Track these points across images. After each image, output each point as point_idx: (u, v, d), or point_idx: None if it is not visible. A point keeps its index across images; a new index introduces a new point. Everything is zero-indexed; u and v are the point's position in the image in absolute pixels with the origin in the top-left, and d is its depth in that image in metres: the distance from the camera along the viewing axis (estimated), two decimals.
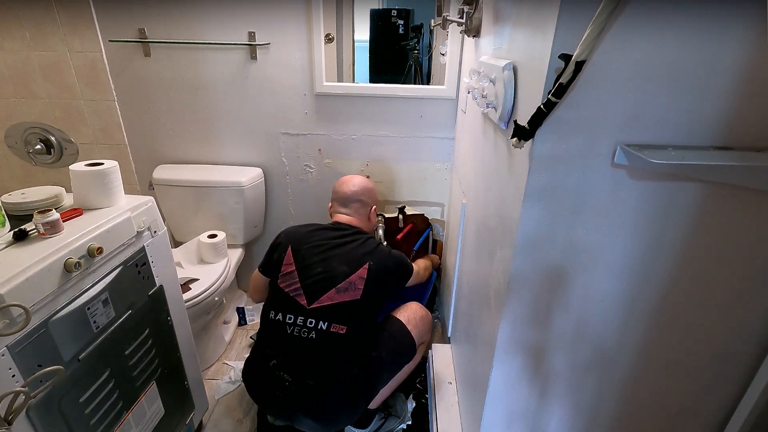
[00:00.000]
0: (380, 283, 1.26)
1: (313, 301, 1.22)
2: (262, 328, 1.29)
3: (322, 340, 1.19)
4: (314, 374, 1.18)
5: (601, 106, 0.58)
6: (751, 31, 0.53)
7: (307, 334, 1.20)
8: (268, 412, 1.31)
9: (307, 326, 1.21)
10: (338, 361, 1.19)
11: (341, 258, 1.27)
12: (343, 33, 1.89)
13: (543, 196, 0.65)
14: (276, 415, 1.27)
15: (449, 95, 1.64)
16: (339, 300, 1.21)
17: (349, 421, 1.28)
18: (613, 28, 0.53)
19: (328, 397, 1.17)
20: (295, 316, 1.22)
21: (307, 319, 1.21)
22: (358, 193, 1.47)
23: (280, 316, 1.24)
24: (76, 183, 0.96)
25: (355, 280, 1.23)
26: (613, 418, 0.84)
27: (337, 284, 1.22)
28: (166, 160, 1.83)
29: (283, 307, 1.24)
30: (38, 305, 0.75)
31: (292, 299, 1.24)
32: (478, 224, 1.08)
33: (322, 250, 1.29)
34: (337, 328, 1.19)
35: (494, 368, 0.83)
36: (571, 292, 0.72)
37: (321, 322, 1.20)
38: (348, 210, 1.46)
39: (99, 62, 1.63)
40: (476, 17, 1.12)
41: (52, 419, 0.79)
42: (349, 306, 1.21)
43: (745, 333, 0.70)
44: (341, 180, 1.52)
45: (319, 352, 1.19)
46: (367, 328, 1.26)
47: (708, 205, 0.62)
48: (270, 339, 1.25)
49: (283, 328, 1.22)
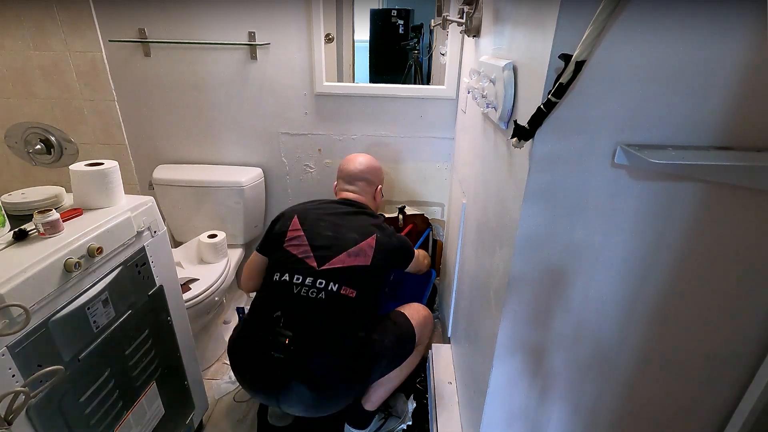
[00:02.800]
0: (386, 257, 1.24)
1: (324, 263, 1.18)
2: (263, 292, 1.22)
3: (332, 302, 1.14)
4: (318, 336, 1.11)
5: (601, 106, 0.58)
6: (751, 31, 0.53)
7: (315, 294, 1.14)
8: (254, 384, 1.15)
9: (316, 287, 1.15)
10: (345, 325, 1.14)
11: (350, 227, 1.25)
12: (343, 33, 1.89)
13: (543, 196, 0.65)
14: (265, 387, 1.12)
15: (449, 95, 1.64)
16: (350, 264, 1.18)
17: (342, 401, 1.18)
18: (613, 28, 0.53)
19: (326, 362, 1.10)
20: (303, 277, 1.16)
21: (317, 279, 1.15)
22: (364, 171, 1.46)
23: (287, 276, 1.17)
24: (76, 183, 0.96)
25: (365, 247, 1.21)
26: (613, 418, 0.84)
27: (348, 249, 1.20)
28: (166, 160, 1.83)
29: (290, 268, 1.18)
30: (38, 305, 0.75)
31: (301, 260, 1.19)
32: (478, 224, 1.08)
33: (331, 219, 1.27)
34: (347, 291, 1.15)
35: (494, 368, 0.82)
36: (571, 292, 0.72)
37: (331, 284, 1.15)
38: (354, 188, 1.45)
39: (99, 62, 1.63)
40: (476, 17, 1.12)
41: (52, 419, 0.79)
42: (360, 270, 1.18)
43: (745, 333, 0.70)
44: (347, 158, 1.51)
45: (327, 312, 1.13)
46: (374, 298, 1.22)
47: (708, 205, 0.62)
48: (273, 298, 1.17)
49: (289, 288, 1.15)
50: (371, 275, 1.20)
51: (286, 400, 1.11)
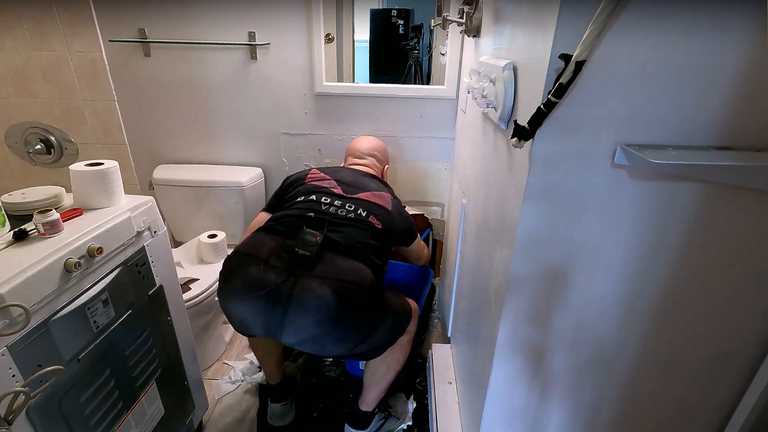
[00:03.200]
0: (399, 218, 1.25)
1: (352, 194, 1.17)
2: (284, 210, 1.15)
3: (360, 224, 1.10)
4: (346, 243, 1.04)
5: (601, 106, 0.58)
6: (751, 31, 0.53)
7: (345, 213, 1.11)
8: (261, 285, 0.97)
9: (346, 208, 1.12)
10: (371, 247, 1.08)
11: (368, 181, 1.28)
12: (343, 33, 1.89)
13: (543, 196, 0.65)
14: (276, 291, 0.96)
15: (449, 95, 1.64)
16: (376, 201, 1.19)
17: (356, 331, 1.03)
18: (613, 28, 0.53)
19: (353, 269, 1.00)
20: (332, 199, 1.13)
21: (346, 203, 1.13)
22: (374, 148, 1.49)
23: (314, 197, 1.13)
24: (76, 183, 0.96)
25: (384, 196, 1.24)
26: (613, 418, 0.84)
27: (372, 191, 1.22)
28: (166, 160, 1.83)
29: (318, 192, 1.15)
30: (38, 305, 0.75)
31: (327, 188, 1.17)
32: (478, 224, 1.08)
33: (349, 172, 1.30)
34: (374, 220, 1.13)
35: (494, 368, 0.82)
36: (571, 292, 0.72)
37: (360, 210, 1.13)
38: (365, 161, 1.47)
39: (99, 62, 1.63)
40: (476, 17, 1.12)
41: (52, 419, 0.79)
42: (383, 210, 1.18)
43: (745, 333, 0.70)
44: (354, 139, 1.55)
45: (356, 230, 1.08)
46: (389, 250, 1.20)
47: (708, 205, 0.62)
48: (299, 209, 1.11)
49: (317, 205, 1.11)
50: (391, 220, 1.19)
51: (298, 308, 0.94)
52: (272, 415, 1.39)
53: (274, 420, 1.39)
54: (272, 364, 1.36)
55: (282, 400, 1.38)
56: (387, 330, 1.14)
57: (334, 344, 1.02)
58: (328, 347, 1.04)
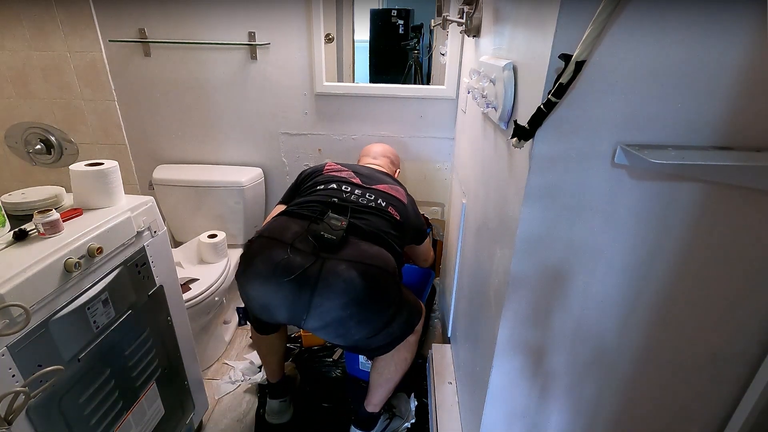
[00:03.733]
0: (413, 213, 1.26)
1: (370, 184, 1.18)
2: (303, 197, 1.15)
3: (381, 212, 1.11)
4: (370, 230, 1.04)
5: (601, 106, 0.58)
6: (751, 31, 0.53)
7: (366, 201, 1.12)
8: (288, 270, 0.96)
9: (366, 197, 1.13)
10: (392, 237, 1.09)
11: (383, 177, 1.29)
12: (343, 33, 1.89)
13: (543, 196, 0.65)
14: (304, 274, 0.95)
15: (449, 95, 1.64)
16: (393, 193, 1.20)
17: (379, 316, 1.04)
18: (613, 28, 0.53)
19: (378, 255, 1.01)
20: (352, 188, 1.14)
21: (366, 193, 1.14)
22: (387, 151, 1.54)
23: (334, 185, 1.14)
24: (76, 183, 0.96)
25: (400, 190, 1.25)
26: (613, 418, 0.83)
27: (389, 184, 1.23)
28: (166, 160, 1.83)
29: (337, 180, 1.16)
30: (38, 305, 0.75)
31: (346, 178, 1.18)
32: (478, 224, 1.08)
33: (364, 167, 1.32)
34: (393, 211, 1.14)
35: (494, 368, 0.82)
36: (571, 292, 0.72)
37: (380, 200, 1.14)
38: (378, 161, 1.49)
39: (99, 62, 1.63)
40: (476, 17, 1.12)
41: (52, 419, 0.79)
42: (400, 203, 1.20)
43: (745, 333, 0.70)
44: (368, 145, 1.60)
45: (378, 218, 1.09)
46: (406, 240, 1.21)
47: (708, 205, 0.62)
48: (320, 195, 1.11)
49: (339, 193, 1.11)
50: (407, 214, 1.21)
51: (325, 291, 0.95)
52: (270, 411, 1.39)
53: (271, 417, 1.39)
54: (274, 362, 1.37)
55: (280, 396, 1.38)
56: (402, 323, 1.14)
57: (357, 327, 1.02)
58: (352, 330, 1.03)
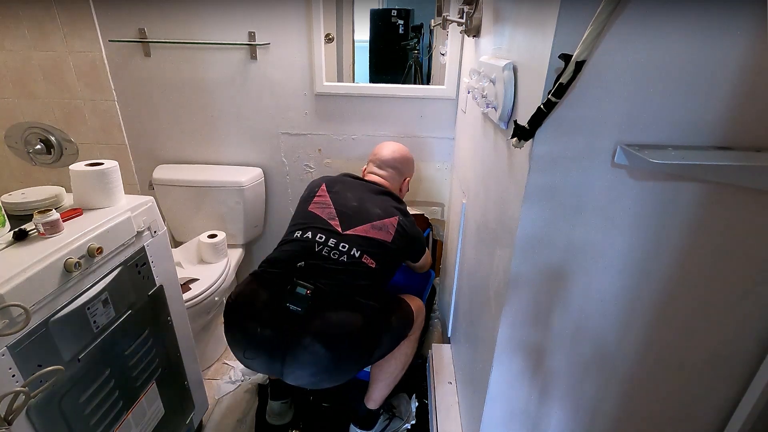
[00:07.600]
0: (404, 242, 1.24)
1: (348, 228, 1.17)
2: (282, 247, 1.18)
3: (353, 267, 1.12)
4: (337, 295, 1.08)
5: (601, 106, 0.58)
6: (751, 31, 0.53)
7: (337, 256, 1.12)
8: (260, 342, 1.06)
9: (339, 249, 1.13)
10: (363, 290, 1.12)
11: (375, 203, 1.26)
12: (343, 33, 1.89)
13: (543, 196, 0.65)
14: (273, 345, 1.04)
15: (449, 95, 1.64)
16: (373, 235, 1.18)
17: (349, 369, 1.12)
18: (613, 28, 0.53)
19: (344, 321, 1.06)
20: (326, 237, 1.14)
21: (340, 242, 1.14)
22: (397, 159, 1.47)
23: (309, 234, 1.15)
24: (76, 183, 0.96)
25: (387, 224, 1.22)
26: (613, 417, 0.84)
27: (372, 221, 1.20)
28: (166, 160, 1.83)
29: (314, 227, 1.17)
30: (38, 305, 0.75)
31: (325, 221, 1.18)
32: (478, 224, 1.08)
33: (358, 193, 1.29)
34: (368, 260, 1.14)
35: (494, 368, 0.83)
36: (571, 292, 0.72)
37: (354, 249, 1.14)
38: (383, 173, 1.45)
39: (99, 62, 1.63)
40: (476, 17, 1.12)
41: (52, 419, 0.79)
42: (381, 245, 1.18)
43: (745, 333, 0.70)
44: (383, 143, 1.53)
45: (348, 274, 1.11)
46: (388, 277, 1.22)
47: (708, 205, 0.62)
48: (293, 252, 1.13)
49: (311, 246, 1.13)
50: (390, 253, 1.20)
51: (294, 362, 1.03)
52: (271, 412, 1.39)
53: (272, 418, 1.39)
54: None
55: (282, 398, 1.38)
56: (387, 342, 1.21)
57: (333, 382, 1.14)
58: (332, 381, 1.14)
